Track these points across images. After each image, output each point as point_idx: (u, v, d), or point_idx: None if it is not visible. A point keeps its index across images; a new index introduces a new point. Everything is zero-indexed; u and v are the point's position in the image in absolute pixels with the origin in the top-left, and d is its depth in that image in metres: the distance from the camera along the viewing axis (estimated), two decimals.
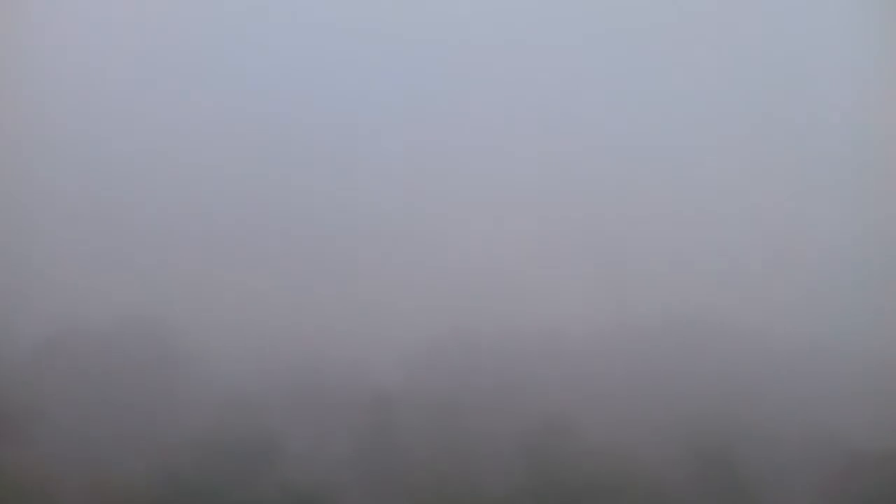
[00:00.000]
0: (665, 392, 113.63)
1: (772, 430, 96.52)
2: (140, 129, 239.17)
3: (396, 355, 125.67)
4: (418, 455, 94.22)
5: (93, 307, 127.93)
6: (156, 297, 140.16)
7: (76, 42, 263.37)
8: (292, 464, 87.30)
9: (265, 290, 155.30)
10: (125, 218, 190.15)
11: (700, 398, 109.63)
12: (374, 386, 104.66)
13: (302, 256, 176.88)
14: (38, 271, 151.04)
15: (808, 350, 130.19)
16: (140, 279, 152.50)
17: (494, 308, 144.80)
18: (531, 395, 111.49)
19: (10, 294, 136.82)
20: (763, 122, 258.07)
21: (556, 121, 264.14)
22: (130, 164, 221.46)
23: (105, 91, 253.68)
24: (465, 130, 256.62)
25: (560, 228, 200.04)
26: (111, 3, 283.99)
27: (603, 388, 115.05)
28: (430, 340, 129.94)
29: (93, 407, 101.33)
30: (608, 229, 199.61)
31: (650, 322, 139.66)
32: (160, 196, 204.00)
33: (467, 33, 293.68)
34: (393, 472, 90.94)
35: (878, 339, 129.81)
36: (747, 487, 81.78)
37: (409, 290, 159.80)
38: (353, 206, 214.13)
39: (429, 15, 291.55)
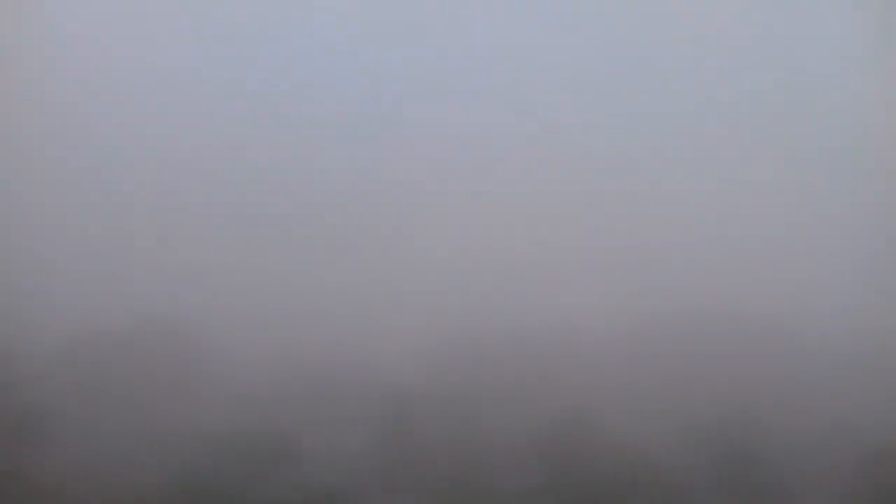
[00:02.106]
0: (681, 386, 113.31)
1: (790, 422, 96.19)
2: (151, 129, 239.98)
3: (412, 352, 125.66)
4: (435, 451, 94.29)
5: (109, 308, 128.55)
6: (171, 296, 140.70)
7: (80, 42, 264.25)
8: (308, 461, 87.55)
9: (280, 289, 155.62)
10: (141, 220, 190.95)
11: (717, 391, 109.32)
12: (389, 383, 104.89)
13: (316, 256, 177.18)
14: (56, 274, 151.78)
15: (827, 344, 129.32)
16: (155, 279, 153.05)
17: (509, 304, 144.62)
18: (547, 391, 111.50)
19: (28, 297, 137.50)
20: (771, 116, 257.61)
21: (567, 119, 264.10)
22: (146, 166, 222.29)
23: (119, 94, 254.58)
24: (479, 130, 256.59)
25: (574, 225, 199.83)
26: (115, 1, 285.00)
27: (619, 383, 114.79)
28: (446, 337, 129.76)
29: (110, 407, 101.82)
30: (621, 226, 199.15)
31: (665, 316, 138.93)
32: (175, 198, 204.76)
33: (478, 33, 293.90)
34: (410, 468, 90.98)
35: None
36: (765, 479, 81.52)
37: (424, 287, 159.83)
38: (368, 203, 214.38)
39: (436, 14, 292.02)
